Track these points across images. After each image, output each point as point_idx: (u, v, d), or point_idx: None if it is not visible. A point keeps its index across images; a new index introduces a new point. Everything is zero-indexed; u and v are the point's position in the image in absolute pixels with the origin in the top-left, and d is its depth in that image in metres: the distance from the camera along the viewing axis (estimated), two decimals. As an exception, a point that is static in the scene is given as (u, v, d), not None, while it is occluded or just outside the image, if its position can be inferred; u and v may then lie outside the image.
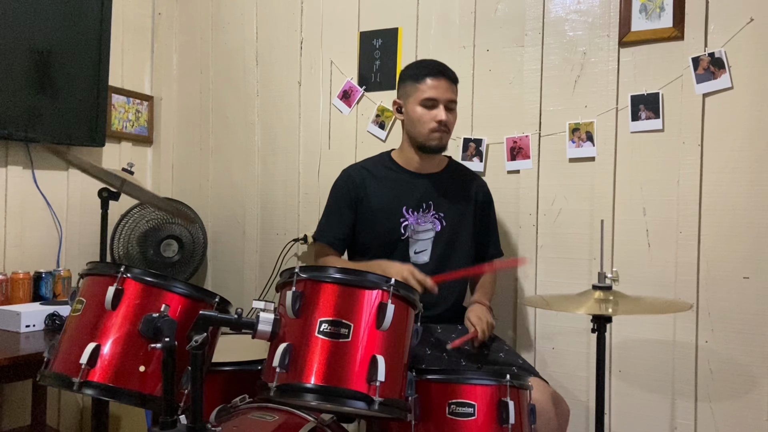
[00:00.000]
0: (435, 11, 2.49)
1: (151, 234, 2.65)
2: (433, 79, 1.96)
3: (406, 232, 2.03)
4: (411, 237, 2.03)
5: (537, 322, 2.32)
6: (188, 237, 2.74)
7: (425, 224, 2.04)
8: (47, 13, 2.45)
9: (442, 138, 1.99)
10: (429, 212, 2.04)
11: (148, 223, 2.67)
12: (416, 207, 2.04)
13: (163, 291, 1.41)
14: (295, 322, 1.36)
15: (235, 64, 2.93)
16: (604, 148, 2.21)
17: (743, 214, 2.01)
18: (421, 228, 2.04)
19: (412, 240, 2.03)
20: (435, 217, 2.04)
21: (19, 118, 2.37)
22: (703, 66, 2.05)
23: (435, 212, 2.05)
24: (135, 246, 2.62)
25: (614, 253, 2.19)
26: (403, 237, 2.03)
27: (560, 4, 2.28)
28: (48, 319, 2.09)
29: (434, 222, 2.04)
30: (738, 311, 2.01)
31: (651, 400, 2.14)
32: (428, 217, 2.04)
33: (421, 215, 2.04)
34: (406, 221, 2.03)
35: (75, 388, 1.31)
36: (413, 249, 2.04)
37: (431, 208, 2.05)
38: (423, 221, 2.04)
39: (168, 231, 2.69)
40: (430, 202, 2.05)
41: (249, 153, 2.89)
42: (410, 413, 1.43)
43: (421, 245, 2.04)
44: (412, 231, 2.03)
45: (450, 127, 2.01)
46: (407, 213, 2.04)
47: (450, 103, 1.99)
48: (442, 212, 2.05)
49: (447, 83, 1.98)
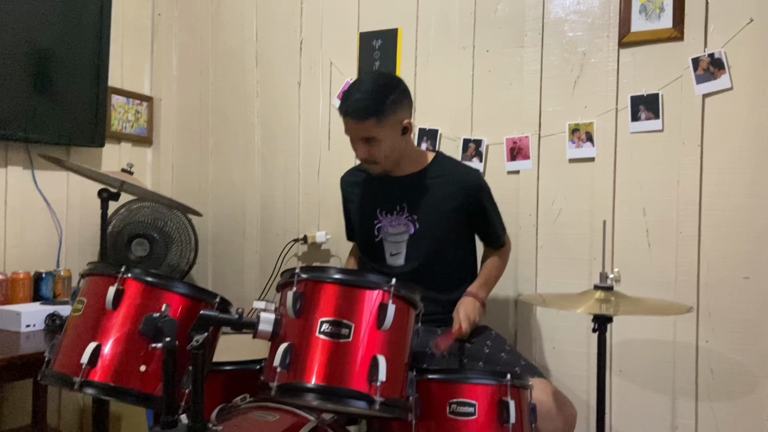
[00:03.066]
0: (435, 12, 2.50)
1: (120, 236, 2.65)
2: (343, 118, 1.90)
3: (379, 234, 2.01)
4: (385, 239, 2.01)
5: (537, 322, 2.32)
6: (161, 235, 2.70)
7: (398, 226, 1.99)
8: (47, 14, 2.45)
9: (372, 169, 1.96)
10: (403, 214, 2.00)
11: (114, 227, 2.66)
12: (390, 209, 2.01)
13: (164, 291, 1.41)
14: (296, 322, 1.36)
15: (235, 65, 2.93)
16: (604, 149, 2.21)
17: (743, 214, 2.01)
18: (395, 230, 2.00)
19: (387, 242, 2.01)
20: (408, 219, 1.99)
21: (19, 118, 2.37)
22: (703, 66, 2.05)
23: (409, 214, 1.99)
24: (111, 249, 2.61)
25: (614, 253, 2.19)
26: (377, 239, 2.02)
27: (560, 4, 2.29)
28: (48, 319, 2.09)
29: (407, 224, 1.99)
30: (738, 311, 2.02)
31: (652, 400, 2.14)
32: (402, 219, 1.99)
33: (394, 217, 2.00)
34: (379, 223, 2.02)
35: (76, 387, 1.31)
36: (389, 251, 2.01)
37: (405, 210, 2.00)
38: (396, 223, 2.00)
39: (136, 229, 2.66)
40: (404, 204, 2.00)
41: (249, 153, 2.89)
42: (411, 413, 1.42)
43: (395, 248, 2.00)
44: (385, 233, 2.01)
45: (377, 157, 1.91)
46: (380, 215, 2.02)
47: (365, 140, 1.89)
48: (416, 214, 1.98)
49: (353, 122, 1.87)
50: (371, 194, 2.07)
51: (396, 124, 1.90)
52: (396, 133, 1.91)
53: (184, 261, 2.75)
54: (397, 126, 1.91)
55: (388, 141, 1.90)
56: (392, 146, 1.92)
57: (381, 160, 1.93)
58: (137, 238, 2.66)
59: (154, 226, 2.70)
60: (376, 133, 1.87)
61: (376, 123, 1.85)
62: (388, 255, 2.01)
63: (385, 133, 1.88)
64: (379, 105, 1.85)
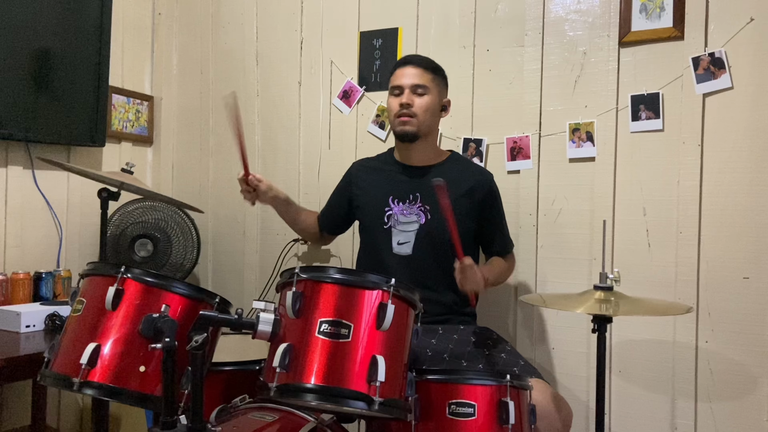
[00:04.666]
0: (435, 11, 2.49)
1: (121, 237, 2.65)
2: (400, 69, 2.04)
3: (389, 221, 2.03)
4: (394, 227, 2.03)
5: (537, 322, 2.32)
6: (162, 235, 2.70)
7: (410, 215, 2.02)
8: (47, 14, 2.45)
9: (405, 123, 2.00)
10: (415, 204, 2.02)
11: (117, 228, 2.66)
12: (402, 198, 2.04)
13: (164, 291, 1.41)
14: (295, 323, 1.36)
15: (235, 64, 2.93)
16: (604, 148, 2.21)
17: (743, 214, 2.01)
18: (405, 219, 2.02)
19: (395, 230, 2.02)
20: (421, 210, 2.02)
21: (19, 118, 2.37)
22: (703, 66, 2.05)
23: (422, 204, 2.02)
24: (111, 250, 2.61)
25: (614, 253, 2.19)
26: (386, 226, 2.03)
27: (560, 4, 2.28)
28: (48, 319, 2.09)
29: (419, 214, 2.01)
30: (738, 311, 2.01)
31: (651, 400, 2.14)
32: (414, 208, 2.02)
33: (406, 206, 2.03)
34: (390, 210, 2.04)
35: (75, 388, 1.31)
36: (396, 240, 2.02)
37: (418, 200, 2.03)
38: (408, 212, 2.02)
39: (138, 230, 2.67)
40: (417, 193, 2.03)
41: (249, 153, 2.87)
42: (410, 413, 1.43)
43: (404, 237, 2.01)
44: (395, 221, 2.03)
45: (417, 110, 1.99)
46: (392, 203, 2.04)
47: (415, 88, 2.00)
48: (429, 205, 2.01)
49: (412, 69, 2.02)
50: (385, 181, 2.10)
51: (441, 93, 2.07)
52: (439, 100, 2.06)
53: (188, 259, 2.76)
54: (441, 96, 2.07)
55: (433, 99, 2.02)
56: (433, 109, 2.03)
57: (420, 114, 2.01)
58: (140, 239, 2.66)
59: (156, 226, 2.69)
60: (430, 84, 2.01)
61: (432, 76, 2.03)
62: (396, 243, 2.02)
63: (435, 90, 2.03)
64: (436, 66, 2.07)
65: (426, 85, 2.00)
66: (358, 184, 2.19)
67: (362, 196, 2.15)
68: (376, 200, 2.08)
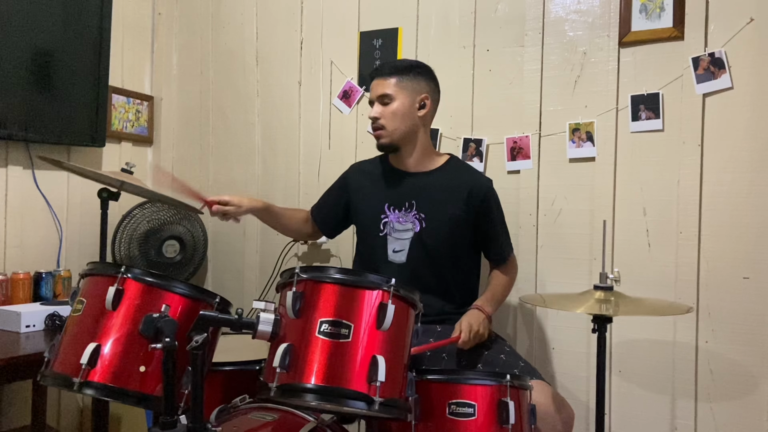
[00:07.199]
0: (435, 11, 2.49)
1: (152, 234, 2.65)
2: (372, 83, 2.00)
3: (385, 229, 2.02)
4: (390, 235, 2.01)
5: (537, 322, 2.32)
6: (189, 236, 2.74)
7: (405, 223, 1.99)
8: (47, 13, 2.45)
9: (379, 137, 1.99)
10: (411, 211, 2.00)
11: (149, 223, 2.66)
12: (398, 205, 2.01)
13: (164, 291, 1.41)
14: (296, 323, 1.36)
15: (235, 64, 2.93)
16: (604, 148, 2.21)
17: (743, 214, 2.01)
18: (401, 227, 2.00)
19: (391, 238, 2.01)
20: (416, 217, 1.99)
21: (19, 118, 2.37)
22: (703, 66, 2.05)
23: (417, 212, 1.99)
24: (136, 247, 2.62)
25: (614, 253, 2.19)
26: (381, 233, 2.02)
27: (560, 4, 2.28)
28: (48, 319, 2.09)
29: (414, 222, 1.99)
30: (738, 311, 2.01)
31: (651, 401, 2.14)
32: (409, 216, 1.99)
33: (402, 214, 2.00)
34: (386, 218, 2.02)
35: (75, 388, 1.31)
36: (391, 248, 2.00)
37: (413, 208, 2.00)
38: (404, 220, 2.00)
39: (169, 231, 2.69)
40: (413, 201, 2.00)
41: (249, 153, 2.89)
42: (410, 413, 1.43)
43: (399, 245, 2.00)
44: (390, 229, 2.01)
45: (384, 121, 1.96)
46: (388, 210, 2.02)
47: (382, 98, 1.96)
48: (424, 213, 1.98)
49: (377, 80, 1.98)
50: (381, 188, 2.07)
51: (414, 92, 1.97)
52: (412, 101, 1.97)
53: (197, 257, 2.79)
54: (415, 95, 1.97)
55: (401, 104, 1.95)
56: (403, 113, 1.96)
57: (387, 123, 1.96)
58: (169, 240, 2.68)
59: (180, 226, 2.73)
60: (393, 89, 1.95)
61: (396, 80, 1.96)
62: (391, 251, 2.01)
63: (401, 95, 1.96)
64: (402, 67, 1.99)
65: (388, 92, 1.95)
66: (355, 189, 2.15)
67: (359, 202, 2.12)
68: (372, 207, 2.05)
